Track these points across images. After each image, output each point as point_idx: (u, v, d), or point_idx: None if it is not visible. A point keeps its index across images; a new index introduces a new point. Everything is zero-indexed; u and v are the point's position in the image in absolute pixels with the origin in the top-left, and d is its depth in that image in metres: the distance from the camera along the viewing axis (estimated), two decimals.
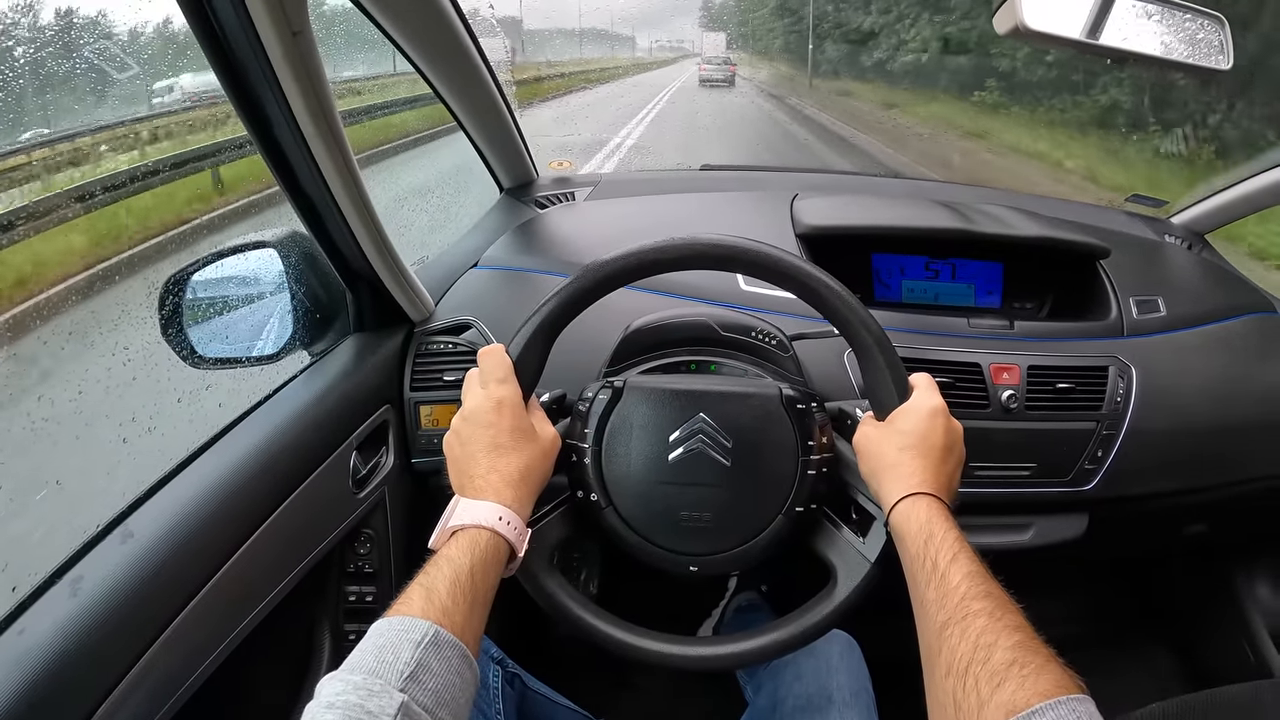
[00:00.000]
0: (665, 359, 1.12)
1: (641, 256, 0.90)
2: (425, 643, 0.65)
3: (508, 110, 1.50)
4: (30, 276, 1.62)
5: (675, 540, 0.92)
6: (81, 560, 0.78)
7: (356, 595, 1.20)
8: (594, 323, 0.97)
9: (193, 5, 0.80)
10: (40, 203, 1.64)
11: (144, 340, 1.08)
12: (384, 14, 1.07)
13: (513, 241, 1.51)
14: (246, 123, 0.91)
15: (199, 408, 1.12)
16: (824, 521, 0.93)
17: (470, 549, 0.75)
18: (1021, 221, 1.48)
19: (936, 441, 0.84)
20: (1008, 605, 0.68)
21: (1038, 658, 0.62)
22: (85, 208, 1.87)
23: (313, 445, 1.05)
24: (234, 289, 1.15)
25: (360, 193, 1.02)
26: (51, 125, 1.74)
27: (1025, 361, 1.27)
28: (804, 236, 1.43)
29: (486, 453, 0.83)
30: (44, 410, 1.12)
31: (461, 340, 1.26)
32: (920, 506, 0.79)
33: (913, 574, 0.76)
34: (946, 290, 1.50)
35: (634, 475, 0.91)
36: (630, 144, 9.42)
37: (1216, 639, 1.80)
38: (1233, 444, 1.36)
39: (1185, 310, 1.44)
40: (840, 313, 0.89)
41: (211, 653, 0.85)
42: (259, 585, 0.94)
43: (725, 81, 17.29)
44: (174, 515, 0.84)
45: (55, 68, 1.41)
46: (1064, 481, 1.28)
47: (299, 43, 0.84)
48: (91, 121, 2.02)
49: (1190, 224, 1.82)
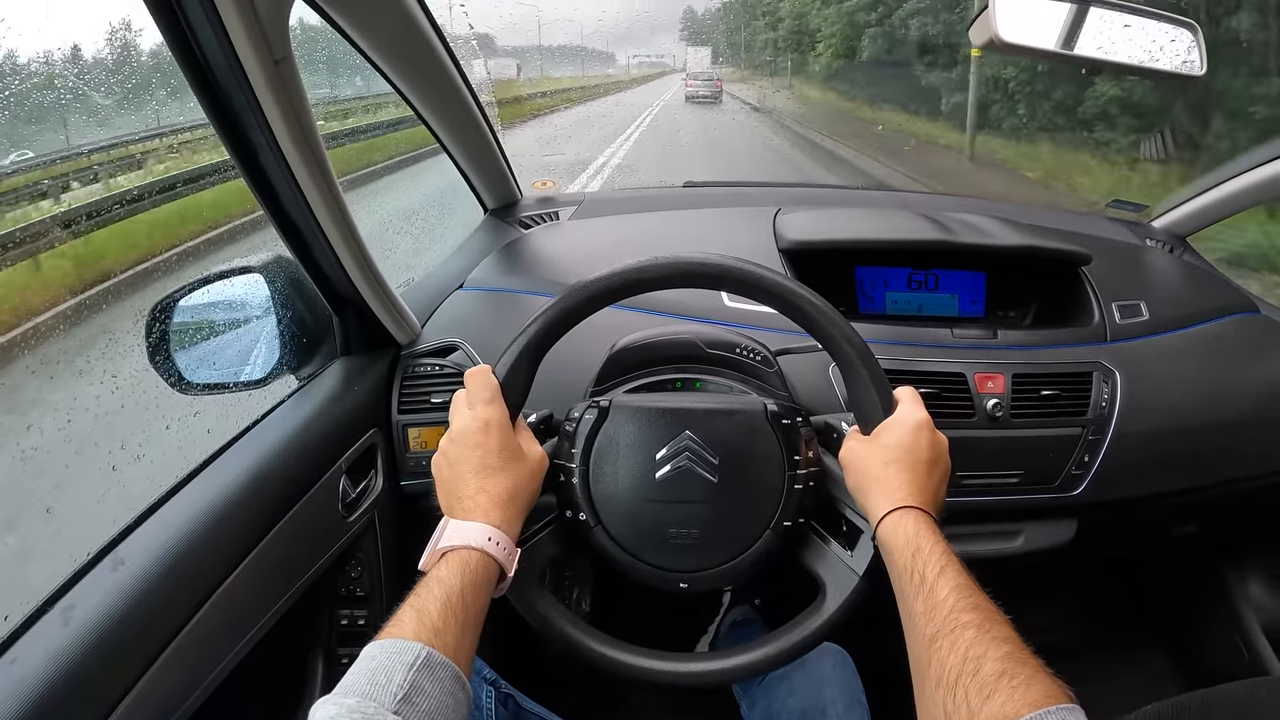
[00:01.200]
0: (651, 377, 1.12)
1: (625, 276, 0.90)
2: (418, 665, 0.65)
3: (490, 131, 1.51)
4: (18, 303, 1.62)
5: (664, 557, 0.92)
6: (73, 588, 0.78)
7: (349, 619, 1.20)
8: (580, 342, 0.98)
9: (175, 34, 0.80)
10: (26, 228, 1.64)
11: (132, 367, 1.08)
12: (364, 37, 1.08)
13: (498, 262, 1.51)
14: (230, 149, 0.91)
15: (187, 434, 1.12)
16: (812, 536, 0.93)
17: (461, 570, 0.75)
18: (1002, 231, 1.49)
19: (922, 455, 0.85)
20: (996, 617, 0.69)
21: (1026, 669, 0.62)
22: (72, 233, 1.87)
23: (302, 470, 1.05)
24: (220, 314, 1.15)
25: (344, 217, 1.03)
26: (35, 149, 1.74)
27: (1010, 370, 1.28)
28: (787, 251, 1.44)
29: (475, 473, 0.83)
30: (33, 439, 1.12)
31: (448, 362, 1.27)
32: (907, 520, 0.79)
33: (901, 587, 0.76)
34: (930, 301, 1.50)
35: (622, 494, 0.92)
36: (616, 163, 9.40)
37: (1211, 639, 1.80)
38: (1219, 444, 1.37)
39: (1168, 313, 1.45)
40: (824, 328, 0.90)
41: (205, 679, 0.85)
42: (251, 611, 0.94)
43: (712, 98, 17.08)
44: (164, 542, 0.84)
45: (40, 97, 1.42)
46: (1052, 487, 1.28)
47: (281, 70, 0.85)
48: (76, 146, 2.03)
49: (1171, 227, 1.84)
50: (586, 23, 31.44)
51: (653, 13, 27.97)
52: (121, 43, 1.82)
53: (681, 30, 27.33)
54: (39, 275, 1.73)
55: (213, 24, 0.78)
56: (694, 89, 17.66)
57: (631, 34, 25.98)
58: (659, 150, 11.75)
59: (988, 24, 1.11)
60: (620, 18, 17.59)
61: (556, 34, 32.08)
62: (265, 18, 0.80)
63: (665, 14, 30.84)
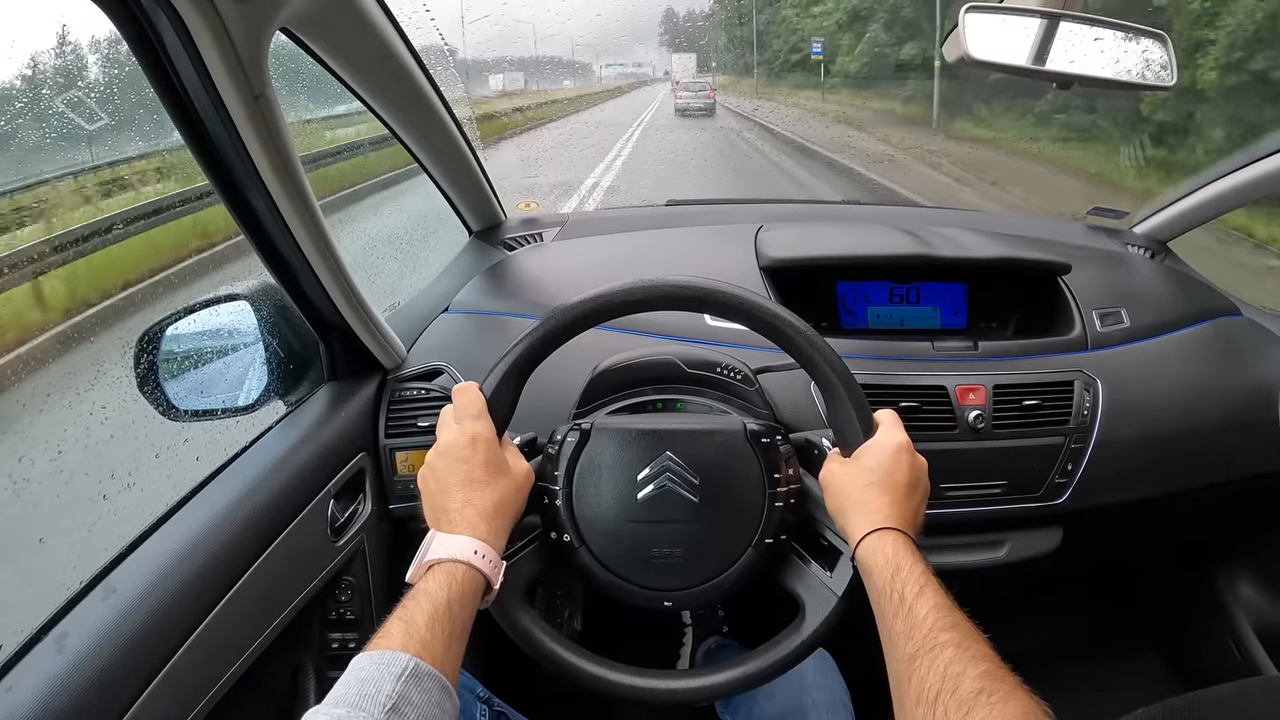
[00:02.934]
0: (632, 399, 1.14)
1: (610, 299, 0.92)
2: (405, 675, 0.66)
3: (472, 153, 1.52)
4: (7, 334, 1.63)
5: (648, 577, 0.93)
6: (66, 617, 0.79)
7: (339, 642, 1.20)
8: (563, 365, 0.99)
9: (157, 71, 0.82)
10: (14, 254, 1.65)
11: (120, 397, 1.09)
12: (343, 68, 1.09)
13: (482, 285, 1.52)
14: (213, 181, 0.93)
15: (177, 462, 1.13)
16: (792, 555, 0.94)
17: (447, 583, 0.77)
18: (981, 243, 1.50)
19: (901, 478, 0.86)
20: (975, 636, 0.70)
21: (1005, 685, 0.63)
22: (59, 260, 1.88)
23: (290, 495, 1.06)
24: (208, 341, 1.16)
25: (328, 245, 1.04)
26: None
27: (991, 381, 1.29)
28: (768, 269, 1.45)
29: (461, 487, 0.85)
30: (25, 470, 1.13)
31: (434, 386, 1.28)
32: (886, 541, 0.80)
33: (880, 607, 0.77)
34: (912, 314, 1.52)
35: (605, 515, 0.93)
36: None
37: (1202, 641, 1.81)
38: (1202, 448, 1.38)
39: (1149, 319, 1.47)
40: (804, 351, 0.91)
41: (197, 704, 0.86)
42: (242, 636, 0.95)
43: (704, 111, 16.10)
44: (156, 570, 0.85)
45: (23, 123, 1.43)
46: (1036, 497, 1.29)
47: (261, 105, 0.86)
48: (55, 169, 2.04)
49: (1152, 232, 1.85)
50: (548, 28, 27.56)
51: (627, 20, 25.05)
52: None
53: (662, 34, 24.60)
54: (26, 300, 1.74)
55: (193, 61, 0.79)
56: (684, 101, 16.45)
57: (605, 44, 23.40)
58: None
59: (958, 42, 1.12)
60: (591, 26, 16.05)
61: (520, 46, 28.50)
62: (244, 55, 0.82)
63: (643, 20, 27.68)
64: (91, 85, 1.43)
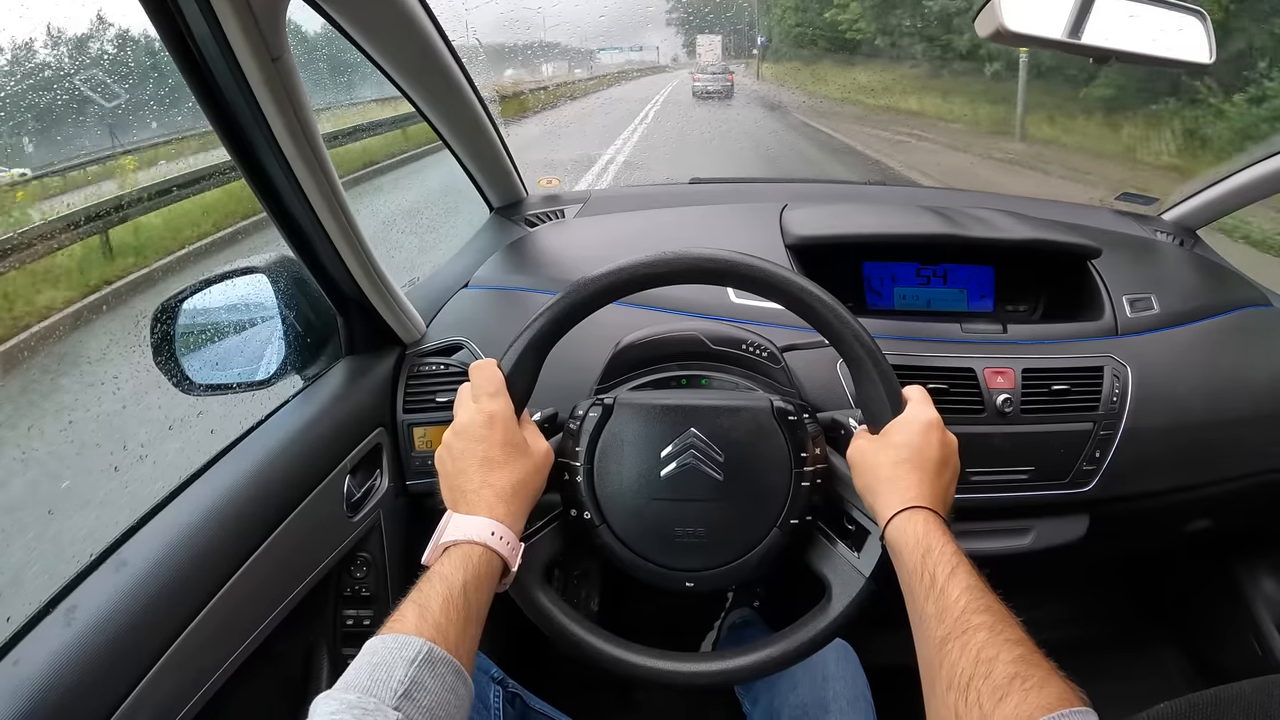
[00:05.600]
0: (656, 374, 1.11)
1: (633, 271, 0.89)
2: (419, 660, 0.65)
3: (494, 129, 1.50)
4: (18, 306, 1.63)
5: (670, 556, 0.91)
6: (75, 589, 0.78)
7: (354, 619, 1.20)
8: (584, 340, 0.97)
9: (172, 33, 0.80)
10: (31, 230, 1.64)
11: (133, 369, 1.08)
12: (364, 37, 1.07)
13: (503, 261, 1.51)
14: (230, 149, 0.91)
15: (191, 435, 1.12)
16: (818, 536, 0.92)
17: (463, 565, 0.75)
18: (1011, 224, 1.48)
19: (932, 455, 0.84)
20: (1008, 619, 0.68)
21: (1039, 671, 0.61)
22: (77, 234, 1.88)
23: (306, 470, 1.05)
24: (224, 315, 1.15)
25: (346, 216, 1.02)
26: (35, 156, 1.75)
27: (1020, 365, 1.27)
28: (794, 247, 1.43)
29: (478, 467, 0.82)
30: (34, 440, 1.12)
31: (453, 361, 1.26)
32: (917, 520, 0.78)
33: (910, 588, 0.75)
34: (939, 296, 1.49)
35: (627, 492, 0.91)
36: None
37: (1223, 636, 1.79)
38: (1230, 438, 1.36)
39: (1178, 307, 1.44)
40: (832, 326, 0.89)
41: (208, 680, 0.85)
42: (254, 611, 0.94)
43: (723, 93, 16.63)
44: (167, 543, 0.84)
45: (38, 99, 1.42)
46: (1063, 483, 1.27)
47: (279, 68, 0.84)
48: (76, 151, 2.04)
49: (1181, 220, 1.83)
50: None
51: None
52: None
53: (669, 13, 20.97)
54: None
55: (209, 22, 0.77)
56: (702, 84, 16.72)
57: (595, 22, 19.47)
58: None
59: (994, 15, 1.09)
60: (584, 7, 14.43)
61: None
62: (261, 16, 0.79)
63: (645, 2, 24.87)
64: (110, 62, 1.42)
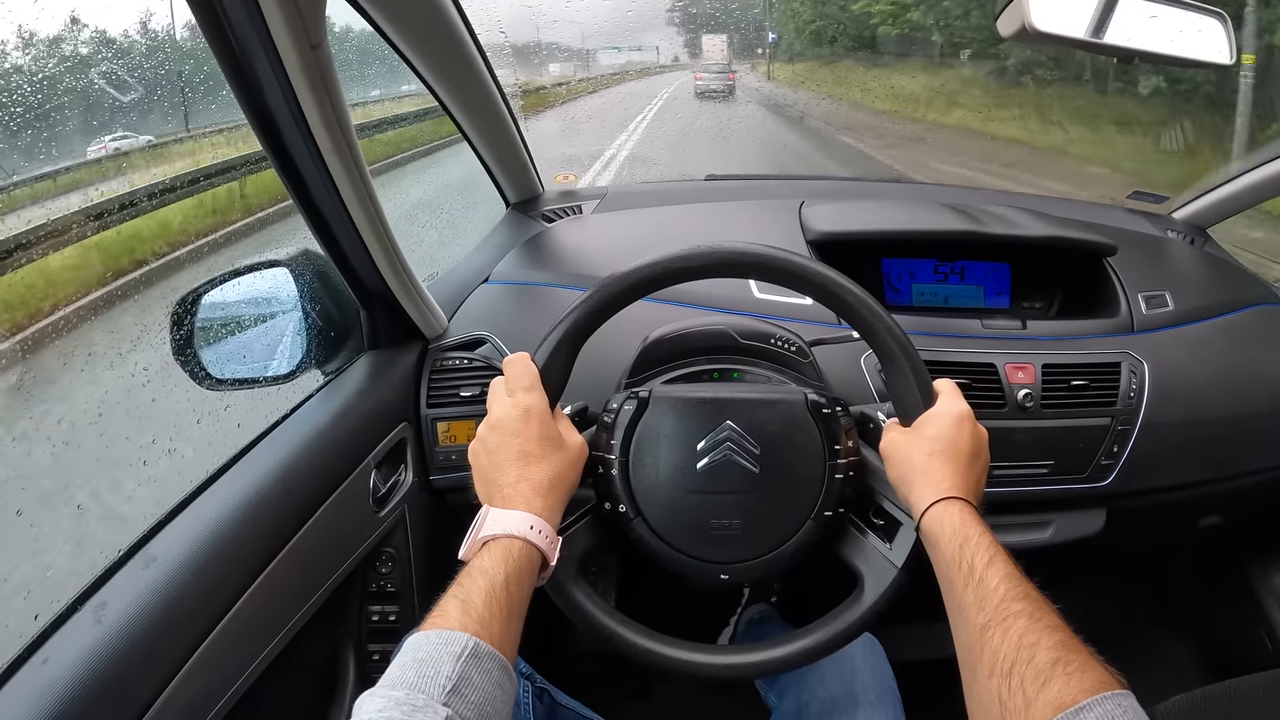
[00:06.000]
0: (686, 368, 1.11)
1: (667, 265, 0.89)
2: (465, 655, 0.64)
3: (514, 122, 1.50)
4: (48, 295, 1.61)
5: (705, 549, 0.91)
6: (104, 586, 0.78)
7: (380, 615, 1.19)
8: (610, 335, 0.96)
9: (210, 19, 0.79)
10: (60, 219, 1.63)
11: (163, 361, 1.07)
12: (393, 29, 1.07)
13: (522, 256, 1.51)
14: (261, 137, 0.90)
15: (218, 428, 1.11)
16: (849, 528, 0.93)
17: (504, 559, 0.74)
18: (1029, 221, 1.48)
19: (964, 446, 0.84)
20: (1046, 606, 0.68)
21: (1080, 656, 0.62)
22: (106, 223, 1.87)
23: (332, 465, 1.04)
24: (247, 309, 1.15)
25: (375, 207, 1.02)
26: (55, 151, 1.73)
27: (1039, 360, 1.28)
28: (814, 243, 1.44)
29: (515, 461, 0.82)
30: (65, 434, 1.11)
31: (477, 355, 1.26)
32: (953, 511, 0.79)
33: (949, 578, 0.76)
34: (956, 292, 1.50)
35: (663, 485, 0.91)
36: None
37: (1235, 630, 1.80)
38: (1246, 434, 1.37)
39: (1192, 304, 1.45)
40: (865, 319, 0.89)
41: (238, 678, 0.85)
42: (283, 608, 0.93)
43: (724, 91, 16.89)
44: (196, 539, 0.83)
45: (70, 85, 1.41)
46: (1081, 478, 1.28)
47: (317, 56, 0.84)
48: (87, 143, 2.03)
49: (1192, 218, 1.84)
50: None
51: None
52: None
53: (670, 12, 19.98)
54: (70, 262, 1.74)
55: (248, 8, 0.77)
56: (704, 82, 17.05)
57: (600, 26, 17.91)
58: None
59: (1019, 13, 1.10)
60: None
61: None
62: (303, 2, 0.79)
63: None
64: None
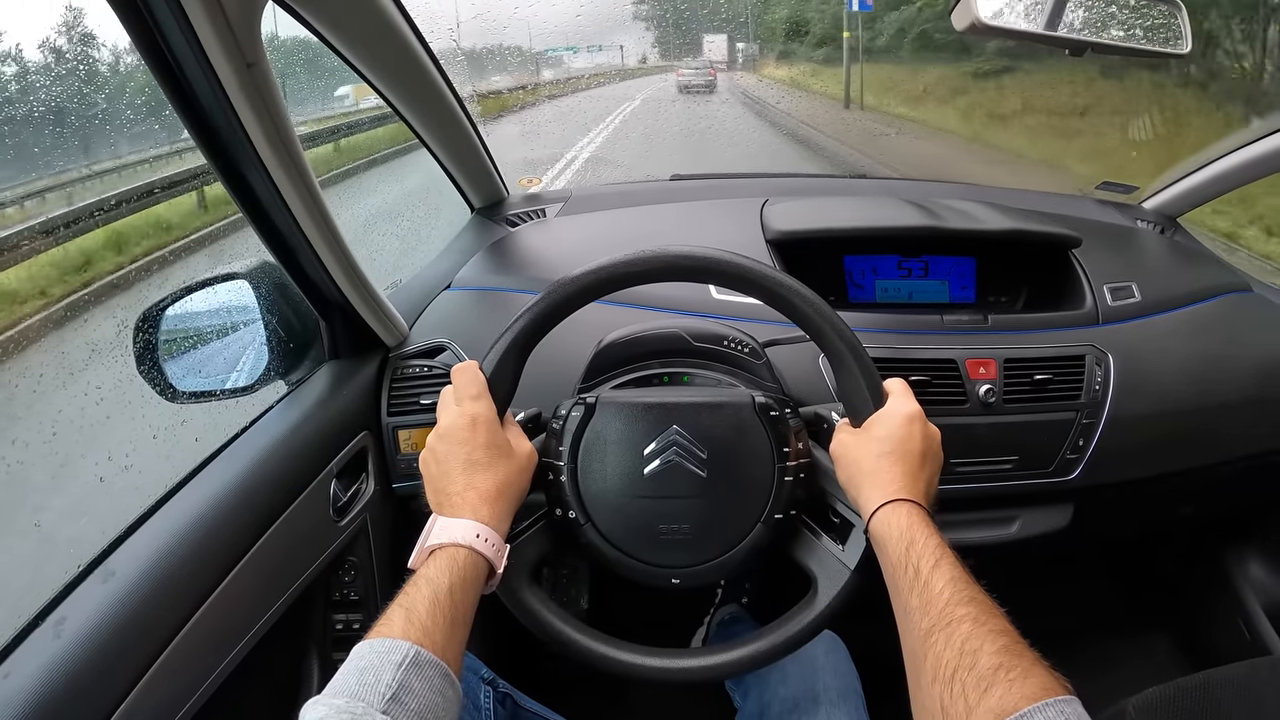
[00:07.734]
0: (638, 372, 1.11)
1: (612, 270, 0.90)
2: (406, 664, 0.65)
3: (473, 128, 1.50)
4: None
5: (655, 554, 0.92)
6: (64, 601, 0.78)
7: (344, 623, 1.20)
8: (567, 339, 0.97)
9: (146, 40, 0.79)
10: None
11: (116, 378, 1.07)
12: (340, 40, 1.07)
13: (485, 261, 1.51)
14: (207, 155, 0.90)
15: (176, 443, 1.11)
16: (803, 530, 0.93)
17: (449, 568, 0.75)
18: (991, 215, 1.48)
19: (914, 447, 0.84)
20: (992, 610, 0.68)
21: (1023, 661, 0.62)
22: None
23: (292, 475, 1.04)
24: (207, 321, 1.14)
25: (326, 220, 1.02)
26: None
27: (1001, 355, 1.27)
28: (775, 242, 1.43)
29: (462, 470, 0.83)
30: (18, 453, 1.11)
31: (437, 363, 1.26)
32: (900, 513, 0.79)
33: (894, 581, 0.75)
34: (920, 288, 1.50)
35: (611, 491, 0.91)
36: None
37: (1212, 620, 1.80)
38: (1213, 424, 1.37)
39: (1160, 295, 1.45)
40: (812, 320, 0.89)
41: (199, 687, 0.85)
42: (244, 618, 0.94)
43: (706, 87, 17.03)
44: (155, 552, 0.84)
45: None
46: (1047, 473, 1.28)
47: (254, 74, 0.84)
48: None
49: (1161, 208, 1.83)
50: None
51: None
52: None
53: (637, 5, 18.42)
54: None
55: (183, 29, 0.77)
56: (686, 78, 17.24)
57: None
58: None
59: (969, 7, 1.10)
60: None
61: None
62: (235, 22, 0.79)
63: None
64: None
